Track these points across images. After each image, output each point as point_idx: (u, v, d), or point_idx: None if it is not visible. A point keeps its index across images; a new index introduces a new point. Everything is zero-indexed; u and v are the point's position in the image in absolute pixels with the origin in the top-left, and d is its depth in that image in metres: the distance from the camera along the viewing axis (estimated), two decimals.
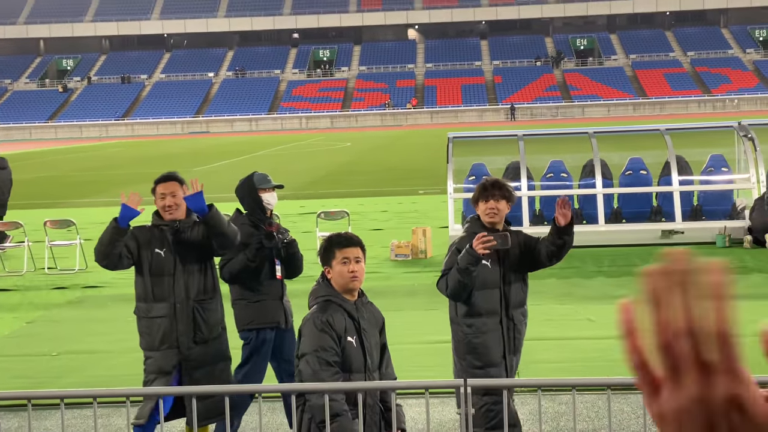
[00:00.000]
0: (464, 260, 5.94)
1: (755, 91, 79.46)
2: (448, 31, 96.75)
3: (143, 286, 6.69)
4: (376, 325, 5.27)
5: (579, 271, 14.19)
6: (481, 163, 17.72)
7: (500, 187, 6.26)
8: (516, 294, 6.32)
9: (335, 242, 5.10)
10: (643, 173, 17.10)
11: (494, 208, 6.20)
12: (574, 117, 76.64)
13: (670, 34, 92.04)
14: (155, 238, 6.71)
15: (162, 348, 6.59)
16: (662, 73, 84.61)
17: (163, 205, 6.75)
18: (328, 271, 5.10)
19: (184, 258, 6.65)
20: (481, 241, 5.86)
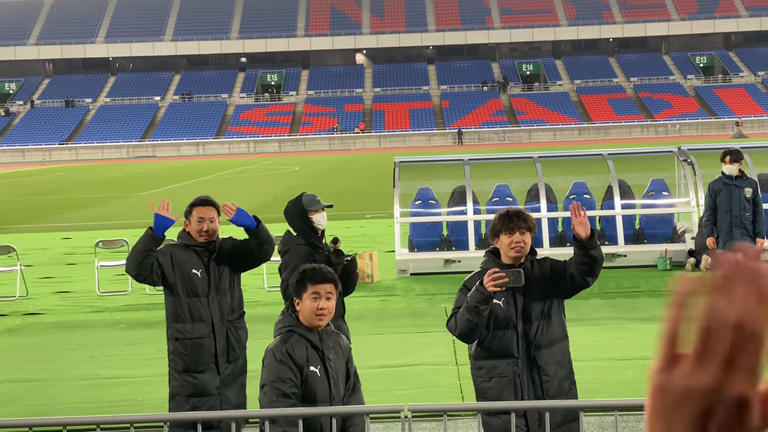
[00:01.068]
0: (474, 298, 5.36)
1: (696, 117, 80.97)
2: (395, 55, 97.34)
3: (178, 307, 6.74)
4: (343, 355, 5.14)
5: None
6: (427, 188, 17.82)
7: (525, 219, 5.58)
8: (542, 332, 5.57)
9: (309, 276, 4.94)
10: (586, 197, 17.31)
11: (520, 242, 5.52)
12: (520, 141, 77.42)
13: (614, 60, 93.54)
14: (192, 259, 6.75)
15: (201, 370, 6.67)
16: (606, 98, 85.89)
17: (200, 229, 6.77)
18: (297, 303, 4.99)
19: (217, 279, 6.77)
20: (492, 278, 5.27)
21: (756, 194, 11.67)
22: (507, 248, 5.56)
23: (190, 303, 6.70)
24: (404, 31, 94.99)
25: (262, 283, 15.36)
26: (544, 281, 5.57)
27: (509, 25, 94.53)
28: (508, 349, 5.56)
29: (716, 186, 11.72)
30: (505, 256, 5.58)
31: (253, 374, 9.97)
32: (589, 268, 5.50)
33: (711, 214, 11.77)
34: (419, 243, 16.85)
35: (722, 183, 11.66)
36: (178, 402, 6.72)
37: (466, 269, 16.11)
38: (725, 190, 11.60)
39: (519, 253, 5.53)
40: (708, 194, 11.84)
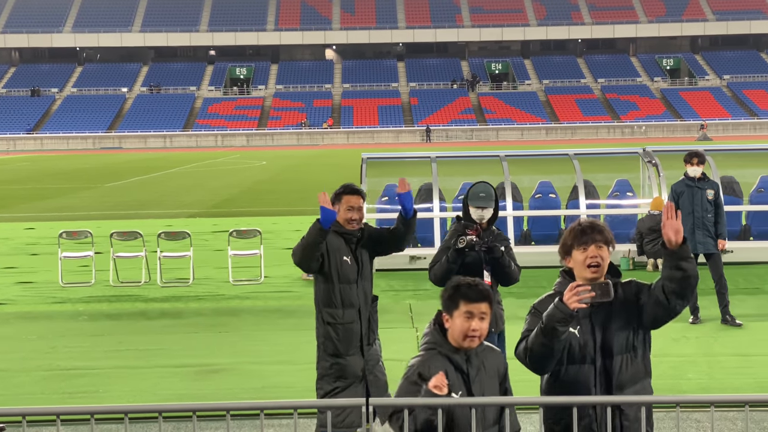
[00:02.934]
0: (552, 317, 4.46)
1: (662, 119, 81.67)
2: (365, 52, 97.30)
3: (330, 293, 6.90)
4: (496, 376, 4.62)
5: None
6: (394, 184, 17.85)
7: (601, 230, 4.71)
8: (625, 368, 4.69)
9: (463, 293, 4.48)
10: (552, 197, 17.44)
11: (597, 257, 4.64)
12: (488, 140, 77.70)
13: (582, 61, 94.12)
14: (342, 246, 6.91)
15: (351, 353, 6.90)
16: (574, 98, 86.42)
17: (350, 217, 6.92)
18: (447, 320, 4.54)
19: (363, 265, 6.96)
20: (575, 292, 4.41)
21: (717, 196, 11.78)
22: (581, 266, 4.68)
23: (341, 289, 6.89)
24: (374, 28, 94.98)
25: (227, 276, 15.33)
26: (628, 307, 4.70)
27: (479, 23, 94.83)
28: (583, 388, 4.68)
29: (679, 188, 11.78)
30: (580, 276, 4.69)
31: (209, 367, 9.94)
32: (678, 286, 4.58)
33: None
34: None
35: (685, 185, 11.72)
36: (325, 382, 7.00)
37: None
38: (688, 191, 11.66)
39: (596, 272, 4.64)
40: (671, 196, 11.88)
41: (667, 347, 10.36)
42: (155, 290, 14.71)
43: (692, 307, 11.64)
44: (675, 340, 10.77)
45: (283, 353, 10.64)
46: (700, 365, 9.66)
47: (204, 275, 15.90)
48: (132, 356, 10.53)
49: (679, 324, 11.58)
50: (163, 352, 10.71)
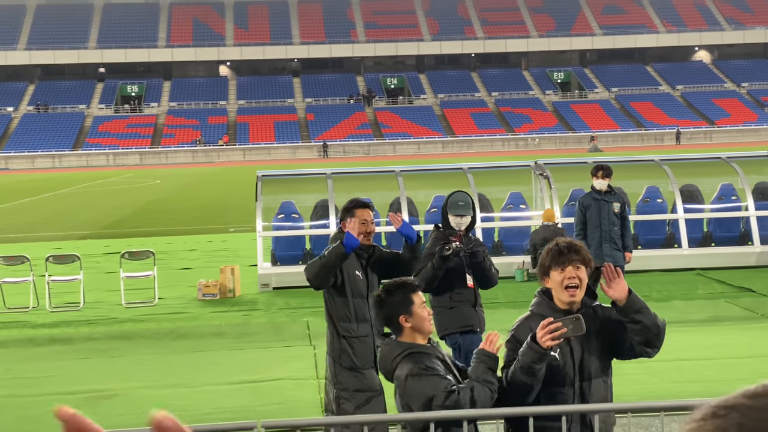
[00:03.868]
0: (527, 357, 4.46)
1: (554, 131, 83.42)
2: (260, 68, 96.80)
3: (346, 307, 6.90)
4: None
5: None
6: (290, 201, 17.77)
7: (578, 250, 4.67)
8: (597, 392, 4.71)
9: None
10: None
11: (574, 278, 4.61)
12: (385, 154, 78.10)
13: (476, 75, 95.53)
14: (353, 261, 6.93)
15: (366, 367, 6.87)
16: (469, 112, 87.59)
17: (365, 230, 6.93)
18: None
19: (371, 282, 7.00)
20: (547, 330, 4.38)
21: (623, 209, 11.86)
22: (559, 287, 4.64)
23: (355, 303, 6.92)
24: (269, 44, 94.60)
25: (119, 299, 14.99)
26: (605, 333, 4.69)
27: (374, 39, 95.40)
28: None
29: (586, 201, 11.79)
30: (558, 299, 4.67)
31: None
32: (642, 337, 4.59)
33: (582, 228, 11.78)
34: (282, 257, 16.77)
35: (592, 198, 11.71)
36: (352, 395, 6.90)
37: None
38: (595, 204, 11.66)
39: (574, 296, 4.62)
40: (578, 209, 11.89)
41: None
42: (44, 316, 14.28)
43: None
44: None
45: (178, 376, 10.44)
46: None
47: (95, 299, 15.51)
48: (20, 384, 10.18)
49: None
50: (52, 379, 10.38)
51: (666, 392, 8.86)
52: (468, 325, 7.78)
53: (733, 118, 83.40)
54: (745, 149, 35.60)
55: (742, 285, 14.47)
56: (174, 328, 13.20)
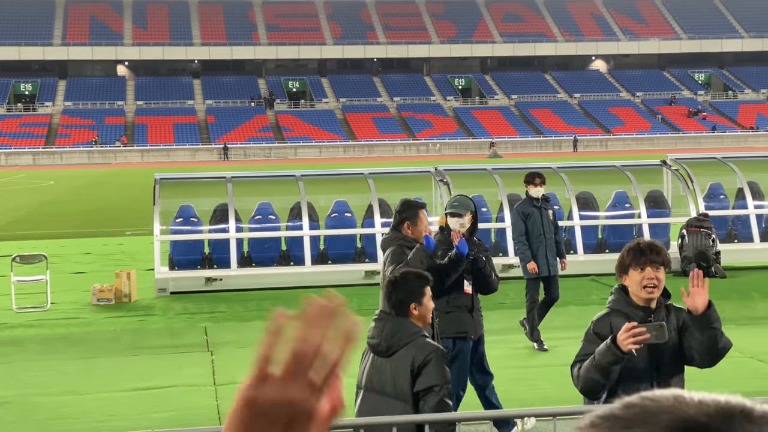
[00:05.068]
0: (605, 357, 4.61)
1: (455, 137, 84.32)
2: (159, 68, 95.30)
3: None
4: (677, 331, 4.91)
5: None
6: (189, 205, 17.53)
7: (658, 251, 4.83)
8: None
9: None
10: (348, 215, 17.59)
11: (653, 279, 4.78)
12: (287, 158, 77.74)
13: (378, 80, 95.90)
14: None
15: None
16: (371, 116, 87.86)
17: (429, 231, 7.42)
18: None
19: None
20: (630, 334, 4.53)
21: (555, 217, 11.63)
22: (637, 286, 4.81)
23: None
24: (168, 44, 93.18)
25: (10, 304, 14.54)
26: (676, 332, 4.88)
27: (276, 41, 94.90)
28: None
29: (525, 209, 11.39)
30: (636, 296, 4.84)
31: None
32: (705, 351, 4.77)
33: (527, 238, 11.33)
34: (180, 261, 16.53)
35: (531, 206, 11.35)
36: None
37: (227, 287, 15.96)
38: (536, 213, 11.30)
39: (651, 294, 4.79)
40: (518, 218, 11.44)
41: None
42: None
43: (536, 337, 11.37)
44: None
45: (71, 383, 10.19)
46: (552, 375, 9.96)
47: None
48: None
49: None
50: None
51: (533, 398, 9.01)
52: (462, 332, 7.83)
53: (627, 126, 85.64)
54: (639, 157, 36.60)
55: None
56: (67, 334, 12.87)
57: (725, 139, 79.60)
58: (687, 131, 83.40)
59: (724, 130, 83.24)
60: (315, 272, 16.48)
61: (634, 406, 0.99)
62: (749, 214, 17.85)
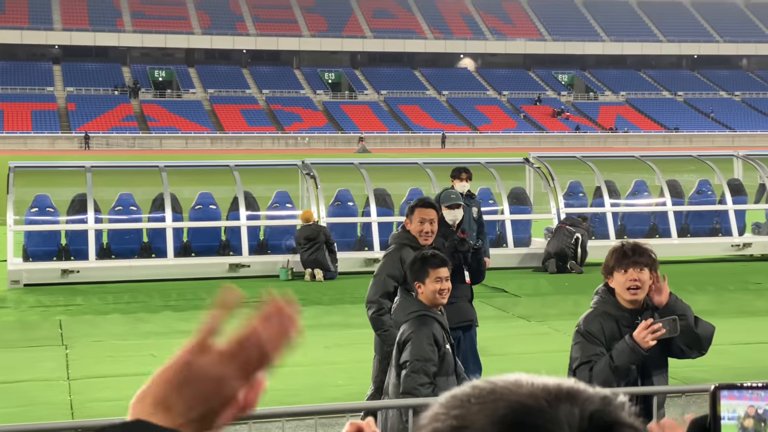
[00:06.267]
0: (628, 357, 4.72)
1: (324, 131, 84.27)
2: (17, 53, 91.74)
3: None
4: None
5: (145, 305, 13.97)
6: (45, 195, 16.94)
7: (642, 252, 4.89)
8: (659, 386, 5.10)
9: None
10: (212, 208, 17.32)
11: (636, 280, 4.84)
12: (151, 148, 76.08)
13: (247, 72, 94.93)
14: None
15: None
16: (239, 108, 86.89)
17: (422, 230, 6.94)
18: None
19: None
20: (649, 331, 4.67)
21: (480, 214, 11.58)
22: (622, 288, 4.88)
23: None
24: (27, 28, 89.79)
25: None
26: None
27: (141, 29, 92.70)
28: None
29: None
30: (620, 297, 4.90)
31: None
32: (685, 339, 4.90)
33: None
34: (35, 252, 15.94)
35: None
36: None
37: (84, 279, 15.48)
38: None
39: (636, 296, 4.85)
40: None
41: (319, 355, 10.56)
42: None
43: None
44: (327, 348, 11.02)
45: None
46: (348, 371, 9.94)
47: None
48: None
49: (335, 332, 11.87)
50: None
51: None
52: (468, 320, 8.18)
53: (494, 124, 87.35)
54: (504, 155, 37.35)
55: (496, 285, 15.11)
56: None
57: (586, 139, 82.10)
58: (551, 130, 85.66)
59: (585, 131, 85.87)
60: (178, 264, 16.17)
61: (474, 391, 1.04)
62: (606, 212, 18.42)
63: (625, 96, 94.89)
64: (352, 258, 16.81)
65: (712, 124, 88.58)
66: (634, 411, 1.06)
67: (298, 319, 1.20)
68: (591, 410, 1.02)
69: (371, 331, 11.76)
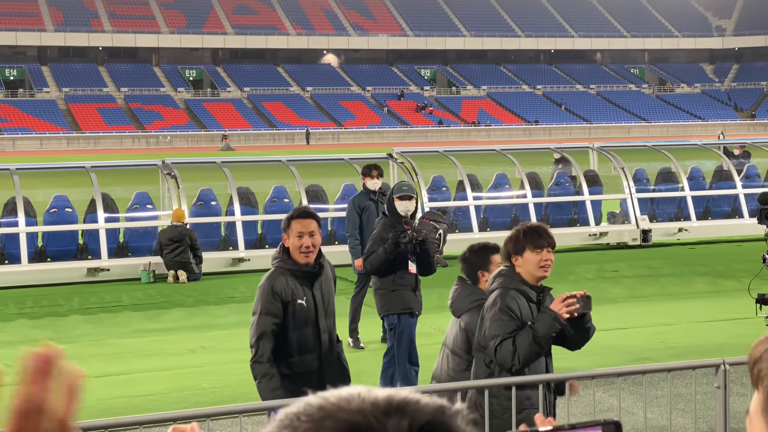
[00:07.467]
0: (548, 328, 4.97)
1: (187, 129, 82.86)
2: None
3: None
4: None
5: (0, 314, 13.39)
6: None
7: (550, 235, 5.24)
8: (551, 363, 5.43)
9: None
10: (68, 211, 16.75)
11: (549, 260, 5.17)
12: (4, 150, 73.20)
13: (104, 69, 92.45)
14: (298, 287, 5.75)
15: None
16: (96, 107, 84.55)
17: (301, 245, 5.64)
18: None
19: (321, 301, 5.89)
20: (564, 305, 4.98)
21: None
22: (534, 267, 5.11)
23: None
24: None
25: None
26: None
27: None
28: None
29: (362, 202, 10.90)
30: (530, 275, 5.13)
31: None
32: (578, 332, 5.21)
33: (359, 232, 10.74)
34: None
35: (368, 199, 10.91)
36: None
37: None
38: (373, 206, 10.80)
39: (546, 272, 5.16)
40: (353, 210, 10.91)
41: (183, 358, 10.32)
42: None
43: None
44: (191, 351, 10.78)
45: None
46: (213, 374, 9.75)
47: None
48: None
49: (200, 333, 11.64)
50: None
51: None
52: (408, 308, 8.40)
53: (358, 120, 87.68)
54: (369, 151, 37.47)
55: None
56: None
57: (450, 133, 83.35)
58: (414, 125, 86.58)
59: (448, 125, 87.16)
60: (33, 270, 15.56)
61: (305, 408, 1.02)
62: (469, 206, 18.67)
63: (486, 90, 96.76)
64: (216, 258, 16.55)
65: (570, 116, 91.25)
66: (470, 419, 1.04)
67: (67, 362, 1.06)
68: (422, 421, 0.99)
69: (236, 333, 11.59)
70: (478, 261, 6.05)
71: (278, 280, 5.65)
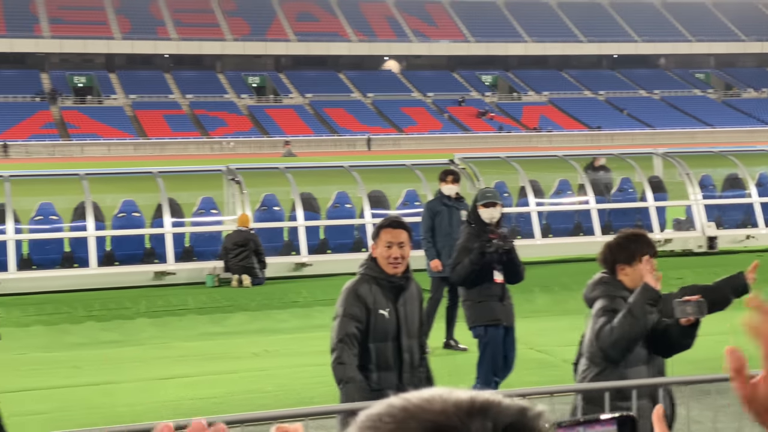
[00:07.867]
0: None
1: (249, 135, 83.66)
2: None
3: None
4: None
5: (68, 316, 13.69)
6: None
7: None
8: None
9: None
10: (136, 215, 17.06)
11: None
12: (72, 156, 74.65)
13: (169, 77, 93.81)
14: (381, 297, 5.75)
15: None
16: (162, 114, 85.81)
17: (389, 256, 5.60)
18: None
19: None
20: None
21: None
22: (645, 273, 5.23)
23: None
24: None
25: None
26: None
27: (60, 35, 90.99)
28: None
29: (435, 207, 11.17)
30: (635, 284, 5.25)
31: None
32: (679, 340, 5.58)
33: (432, 235, 11.05)
34: None
35: (442, 204, 11.13)
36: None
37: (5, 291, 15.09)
38: (446, 211, 11.05)
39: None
40: (426, 215, 11.20)
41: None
42: None
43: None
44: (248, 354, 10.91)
45: None
46: (277, 377, 9.86)
47: None
48: None
49: (263, 337, 11.77)
50: None
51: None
52: (495, 319, 8.29)
53: (419, 126, 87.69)
54: (430, 156, 37.50)
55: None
56: None
57: (510, 139, 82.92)
58: (475, 131, 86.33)
59: (509, 131, 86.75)
60: (101, 274, 15.89)
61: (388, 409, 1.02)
62: (531, 212, 18.60)
63: (547, 96, 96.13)
64: (279, 263, 16.71)
65: (633, 122, 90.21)
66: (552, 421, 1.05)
67: None
68: (505, 423, 1.00)
69: (299, 337, 11.71)
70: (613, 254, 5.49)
71: (362, 287, 5.60)
